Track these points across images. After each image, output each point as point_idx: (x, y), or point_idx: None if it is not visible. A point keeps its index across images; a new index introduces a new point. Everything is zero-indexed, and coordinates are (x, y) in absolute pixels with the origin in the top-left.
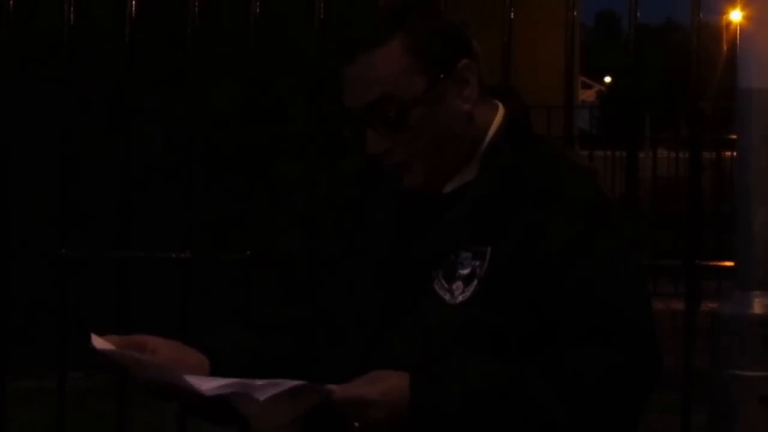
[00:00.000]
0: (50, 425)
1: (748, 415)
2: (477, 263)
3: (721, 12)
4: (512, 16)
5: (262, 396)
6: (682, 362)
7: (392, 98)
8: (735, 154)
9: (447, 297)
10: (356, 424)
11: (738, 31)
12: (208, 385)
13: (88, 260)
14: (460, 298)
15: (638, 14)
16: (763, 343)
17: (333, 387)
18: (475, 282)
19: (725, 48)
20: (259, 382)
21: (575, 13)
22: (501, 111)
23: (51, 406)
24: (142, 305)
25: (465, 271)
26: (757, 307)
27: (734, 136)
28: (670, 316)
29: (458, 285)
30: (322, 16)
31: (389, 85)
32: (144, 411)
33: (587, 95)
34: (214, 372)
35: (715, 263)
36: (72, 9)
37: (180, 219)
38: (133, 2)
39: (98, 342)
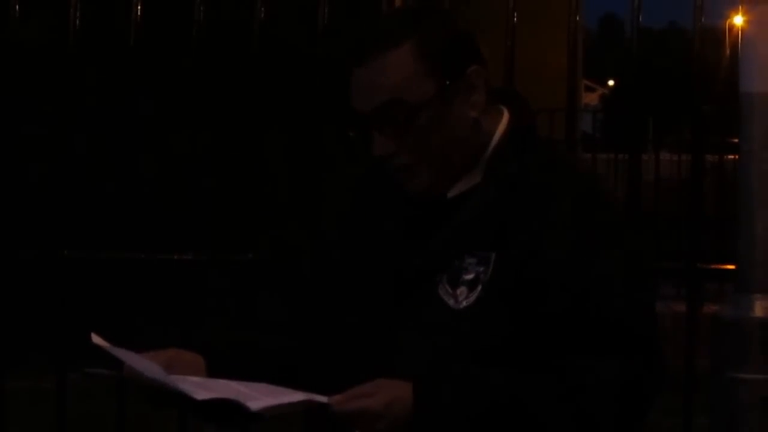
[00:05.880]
0: (50, 425)
1: (749, 417)
2: (481, 269)
3: (723, 16)
4: (515, 20)
5: (254, 406)
6: (684, 365)
7: (401, 102)
8: (737, 157)
9: (451, 302)
10: None
11: (740, 35)
12: (201, 393)
13: (89, 261)
14: (464, 304)
15: (641, 18)
16: (764, 345)
17: (333, 399)
18: (480, 287)
19: (727, 51)
20: (255, 391)
21: (578, 17)
22: (506, 116)
23: (51, 405)
24: (143, 307)
25: (469, 277)
26: (758, 310)
27: (736, 140)
28: (672, 318)
29: (462, 290)
30: (325, 21)
31: (399, 89)
32: (144, 410)
33: (590, 99)
34: (210, 369)
35: (716, 266)
36: (78, 14)
37: (181, 220)
38: (139, 8)
39: (97, 339)
